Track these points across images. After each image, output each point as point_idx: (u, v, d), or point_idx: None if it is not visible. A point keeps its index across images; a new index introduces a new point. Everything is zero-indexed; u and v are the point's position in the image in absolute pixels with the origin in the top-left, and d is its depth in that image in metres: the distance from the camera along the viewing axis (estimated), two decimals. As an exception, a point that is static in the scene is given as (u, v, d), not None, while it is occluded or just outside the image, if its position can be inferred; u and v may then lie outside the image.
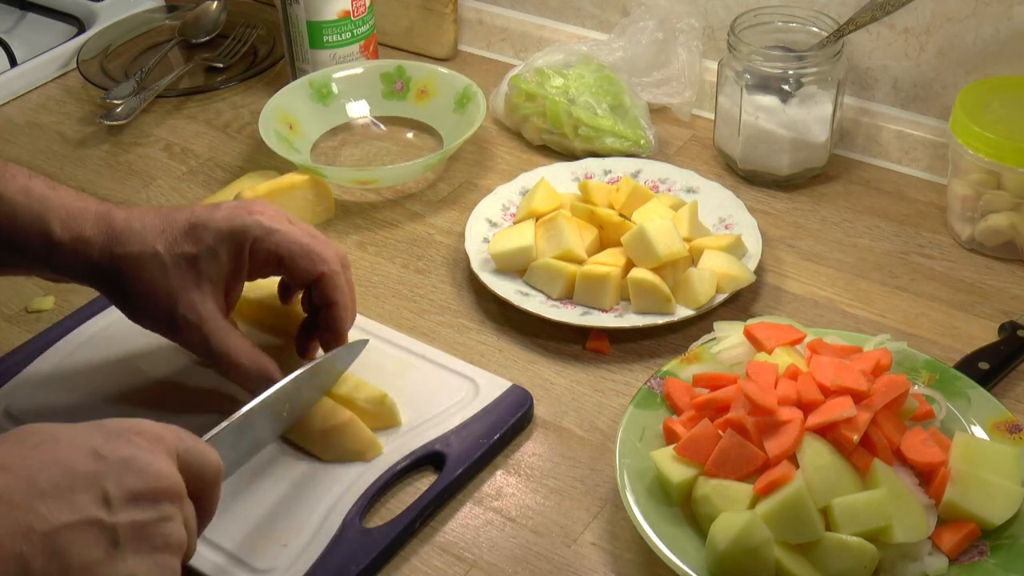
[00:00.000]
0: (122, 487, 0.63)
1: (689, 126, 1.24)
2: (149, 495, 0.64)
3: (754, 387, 0.79)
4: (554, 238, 1.01)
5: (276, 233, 0.84)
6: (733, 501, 0.77)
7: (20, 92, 1.36)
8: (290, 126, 1.21)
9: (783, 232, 1.09)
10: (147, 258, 0.82)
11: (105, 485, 0.63)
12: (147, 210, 0.86)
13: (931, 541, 0.76)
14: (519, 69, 1.25)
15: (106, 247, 0.82)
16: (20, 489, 0.61)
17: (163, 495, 0.65)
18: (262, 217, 0.84)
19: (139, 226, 0.83)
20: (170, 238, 0.83)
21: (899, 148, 1.16)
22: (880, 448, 0.78)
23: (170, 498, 0.65)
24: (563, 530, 0.83)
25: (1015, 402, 0.91)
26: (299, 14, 1.25)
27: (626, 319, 0.97)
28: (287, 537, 0.80)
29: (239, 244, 0.83)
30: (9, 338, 1.00)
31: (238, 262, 0.84)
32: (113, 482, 0.63)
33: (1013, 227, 1.02)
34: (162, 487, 0.65)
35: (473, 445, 0.87)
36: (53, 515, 0.60)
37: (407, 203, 1.16)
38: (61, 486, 0.62)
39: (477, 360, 0.96)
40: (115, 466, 0.64)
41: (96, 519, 0.62)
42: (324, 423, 0.86)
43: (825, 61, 1.09)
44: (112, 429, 0.66)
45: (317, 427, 0.86)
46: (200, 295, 0.83)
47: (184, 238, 0.83)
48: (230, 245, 0.83)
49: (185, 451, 0.68)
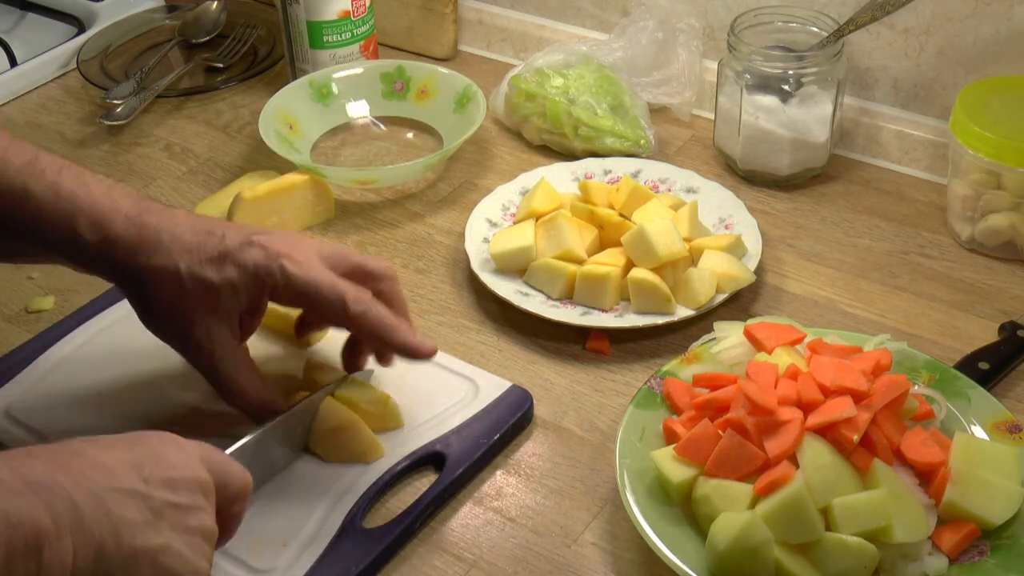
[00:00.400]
0: (158, 472, 0.66)
1: (689, 126, 1.24)
2: (183, 483, 0.66)
3: (754, 387, 0.79)
4: (554, 238, 1.01)
5: (297, 279, 0.82)
6: (733, 501, 0.77)
7: (20, 92, 1.36)
8: (290, 126, 1.21)
9: (783, 232, 1.09)
10: (169, 274, 0.81)
11: (142, 468, 0.65)
12: (182, 219, 0.84)
13: (931, 541, 0.76)
14: (519, 69, 1.25)
15: (131, 253, 0.81)
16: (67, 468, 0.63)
17: (195, 485, 0.67)
18: (287, 262, 0.82)
19: (168, 239, 0.82)
20: (195, 260, 0.81)
21: (899, 148, 1.16)
22: (880, 448, 0.78)
23: (203, 491, 0.67)
24: (563, 530, 0.83)
25: (1015, 402, 0.91)
26: (299, 14, 1.25)
27: (626, 319, 0.97)
28: (287, 537, 0.80)
29: (259, 286, 0.82)
30: (9, 338, 1.00)
31: (255, 301, 0.84)
32: (149, 467, 0.66)
33: (1013, 227, 1.02)
34: (194, 478, 0.67)
35: (473, 445, 0.87)
36: (99, 480, 0.63)
37: (407, 203, 1.16)
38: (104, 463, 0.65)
39: (477, 360, 0.96)
40: (150, 456, 0.66)
41: (136, 490, 0.64)
42: (328, 424, 0.86)
43: (825, 61, 1.09)
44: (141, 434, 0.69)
45: (321, 427, 0.86)
46: (216, 323, 0.82)
47: (209, 264, 0.81)
48: (251, 285, 0.82)
49: (211, 464, 0.69)
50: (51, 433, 0.88)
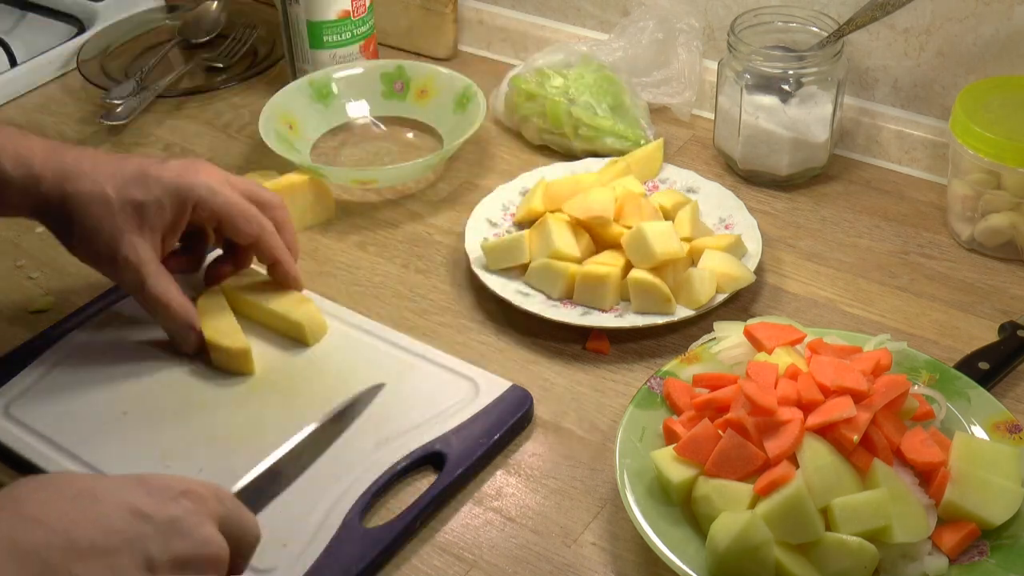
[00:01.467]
0: (167, 552, 0.60)
1: (689, 126, 1.24)
2: (194, 562, 0.61)
3: (754, 387, 0.79)
4: (544, 239, 1.01)
5: (219, 196, 0.91)
6: (733, 501, 0.77)
7: (20, 92, 1.36)
8: (290, 126, 1.21)
9: (783, 232, 1.09)
10: (96, 198, 0.88)
11: (149, 549, 0.59)
12: (95, 152, 0.93)
13: (931, 541, 0.76)
14: (519, 69, 1.25)
15: (56, 183, 0.88)
16: (57, 547, 0.57)
17: (209, 564, 0.62)
18: (209, 179, 0.91)
19: (89, 167, 0.89)
20: (119, 182, 0.89)
21: (899, 148, 1.16)
22: (880, 448, 0.78)
23: (216, 567, 0.62)
24: (563, 530, 0.83)
25: (1015, 402, 0.91)
26: (299, 14, 1.25)
27: (626, 319, 0.97)
28: (287, 537, 0.80)
29: (183, 201, 0.90)
30: (9, 338, 1.00)
31: (179, 216, 0.91)
32: (158, 546, 0.60)
33: (1013, 227, 1.02)
34: (209, 554, 0.62)
35: (473, 445, 0.87)
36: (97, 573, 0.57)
37: (407, 203, 1.16)
38: (101, 547, 0.58)
39: (477, 360, 0.96)
40: (160, 528, 0.60)
41: None
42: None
43: (825, 61, 1.09)
44: (156, 486, 0.63)
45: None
46: (141, 239, 0.89)
47: (133, 184, 0.89)
48: (175, 200, 0.90)
49: (227, 515, 0.65)
50: (51, 433, 0.88)
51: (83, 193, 0.88)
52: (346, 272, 1.07)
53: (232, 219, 0.92)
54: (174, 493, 0.62)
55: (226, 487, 0.80)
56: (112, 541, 0.58)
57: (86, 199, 0.88)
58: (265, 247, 0.94)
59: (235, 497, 0.67)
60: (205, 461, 0.86)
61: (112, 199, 0.88)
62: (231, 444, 0.87)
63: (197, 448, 0.87)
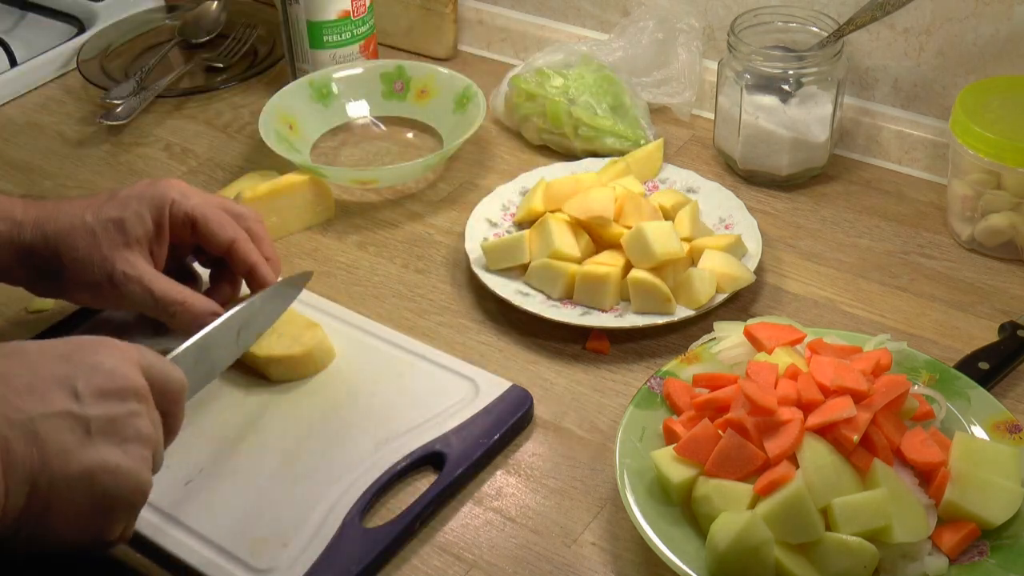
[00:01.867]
0: (90, 385, 0.69)
1: (689, 126, 1.24)
2: (116, 392, 0.70)
3: (754, 387, 0.79)
4: (543, 239, 1.01)
5: (191, 198, 0.92)
6: (733, 501, 0.77)
7: (20, 92, 1.36)
8: (290, 126, 1.21)
9: (783, 232, 1.09)
10: (77, 229, 0.89)
11: (74, 383, 0.69)
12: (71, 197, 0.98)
13: (931, 541, 0.76)
14: (519, 69, 1.25)
15: (38, 226, 0.89)
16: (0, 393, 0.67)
17: (129, 393, 0.70)
18: (180, 185, 0.93)
19: (65, 206, 0.91)
20: (95, 208, 0.90)
21: (899, 148, 1.16)
22: (880, 448, 0.78)
23: (137, 397, 0.71)
24: (563, 530, 0.83)
25: (1015, 402, 0.91)
26: (299, 14, 1.25)
27: (626, 319, 0.97)
28: (287, 537, 0.80)
29: (160, 206, 0.91)
30: (9, 338, 0.99)
31: (160, 223, 0.91)
32: (82, 381, 0.69)
33: (1013, 227, 1.02)
34: (128, 386, 0.71)
35: (473, 445, 0.87)
36: (27, 407, 0.67)
37: (407, 203, 1.16)
38: (33, 384, 0.68)
39: (477, 360, 0.96)
40: (83, 369, 0.70)
41: (68, 411, 0.68)
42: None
43: (825, 61, 1.09)
44: (77, 341, 0.72)
45: None
46: (132, 253, 0.90)
47: (108, 206, 0.90)
48: (152, 208, 0.91)
49: (149, 366, 0.73)
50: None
51: (63, 228, 0.89)
52: (346, 272, 1.07)
53: (206, 221, 0.92)
54: (94, 344, 0.72)
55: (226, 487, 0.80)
56: (41, 381, 0.69)
57: (67, 232, 0.89)
58: (240, 252, 0.93)
59: (158, 354, 0.75)
60: (206, 460, 0.86)
61: (92, 224, 0.89)
62: (231, 443, 0.87)
63: (197, 446, 0.87)
